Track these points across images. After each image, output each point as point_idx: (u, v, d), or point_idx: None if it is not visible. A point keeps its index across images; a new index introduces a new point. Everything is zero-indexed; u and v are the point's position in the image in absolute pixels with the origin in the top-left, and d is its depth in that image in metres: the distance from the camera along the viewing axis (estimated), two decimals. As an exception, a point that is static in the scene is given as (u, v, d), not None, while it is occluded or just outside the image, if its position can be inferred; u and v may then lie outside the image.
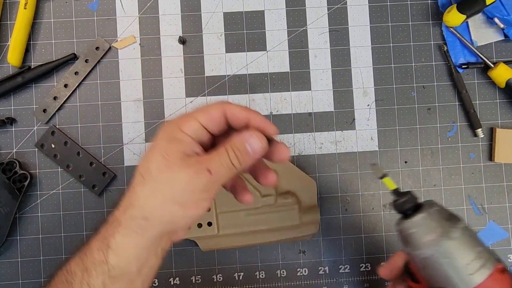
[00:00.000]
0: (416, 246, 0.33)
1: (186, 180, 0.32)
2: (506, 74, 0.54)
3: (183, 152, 0.33)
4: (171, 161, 0.32)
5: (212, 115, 0.34)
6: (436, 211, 0.34)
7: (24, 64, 0.54)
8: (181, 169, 0.32)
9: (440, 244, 0.32)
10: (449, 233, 0.33)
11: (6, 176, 0.51)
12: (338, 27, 0.56)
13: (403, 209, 0.35)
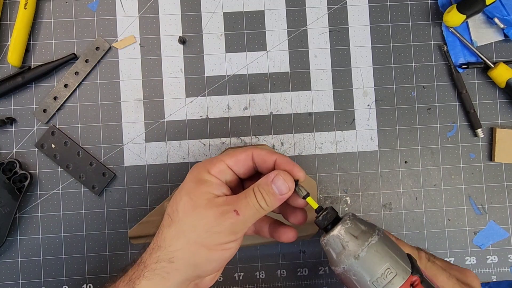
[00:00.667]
0: (330, 261, 0.35)
1: (211, 221, 0.32)
2: (506, 74, 0.54)
3: (211, 193, 0.33)
4: (197, 202, 0.32)
5: (239, 158, 0.35)
6: (347, 229, 0.35)
7: (24, 64, 0.54)
8: (207, 210, 0.32)
9: (346, 263, 0.34)
10: (356, 252, 0.34)
11: (6, 176, 0.51)
12: (338, 27, 0.56)
13: (322, 225, 0.36)
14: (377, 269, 0.33)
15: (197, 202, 0.33)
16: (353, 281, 0.34)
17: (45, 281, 0.53)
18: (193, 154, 0.54)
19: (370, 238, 0.34)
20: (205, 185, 0.33)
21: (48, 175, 0.53)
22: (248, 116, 0.55)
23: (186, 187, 0.34)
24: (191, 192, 0.33)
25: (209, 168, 0.34)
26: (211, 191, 0.33)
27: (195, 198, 0.33)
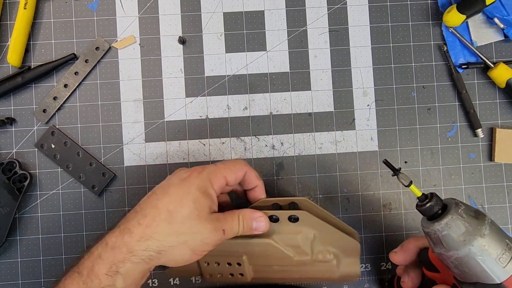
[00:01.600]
0: (449, 247, 0.34)
1: (207, 233, 0.38)
2: (506, 74, 0.54)
3: (210, 208, 0.39)
4: (201, 214, 0.38)
5: (238, 176, 0.42)
6: (463, 210, 0.34)
7: (24, 64, 0.54)
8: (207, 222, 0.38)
9: (473, 243, 0.33)
10: (480, 230, 0.33)
11: (6, 176, 0.51)
12: (338, 27, 0.56)
13: (431, 212, 0.35)
14: (501, 245, 0.33)
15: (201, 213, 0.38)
16: (478, 262, 0.33)
17: (45, 281, 0.53)
18: (193, 154, 0.54)
19: (486, 217, 0.34)
20: (208, 199, 0.38)
21: (48, 175, 0.53)
22: (248, 116, 0.55)
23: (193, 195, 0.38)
24: (197, 202, 0.38)
25: (213, 181, 0.39)
26: (212, 206, 0.39)
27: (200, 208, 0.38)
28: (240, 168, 0.42)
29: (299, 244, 0.45)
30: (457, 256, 0.33)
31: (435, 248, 0.35)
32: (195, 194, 0.38)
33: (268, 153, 0.55)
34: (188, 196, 0.38)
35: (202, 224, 0.37)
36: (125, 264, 0.36)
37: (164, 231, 0.36)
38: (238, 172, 0.42)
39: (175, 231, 0.37)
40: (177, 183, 0.39)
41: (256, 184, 0.44)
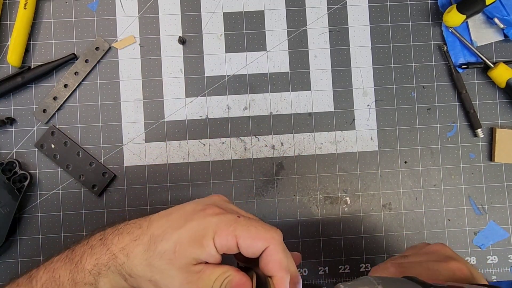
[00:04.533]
0: None
1: (177, 284, 0.32)
2: (506, 74, 0.54)
3: (195, 259, 0.32)
4: (178, 260, 0.32)
5: (256, 247, 0.32)
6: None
7: (24, 64, 0.54)
8: (180, 272, 0.32)
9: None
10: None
11: (6, 176, 0.51)
12: (338, 27, 0.56)
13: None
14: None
15: (178, 258, 0.32)
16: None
17: None
18: (193, 154, 0.54)
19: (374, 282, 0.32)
20: (196, 249, 0.32)
21: (48, 175, 0.53)
22: (248, 116, 0.55)
23: (181, 234, 0.32)
24: (181, 244, 0.32)
25: (218, 235, 0.32)
26: (199, 258, 0.32)
27: (179, 253, 0.32)
28: (263, 237, 0.31)
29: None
30: None
31: None
32: (185, 234, 0.32)
33: (268, 153, 0.55)
34: (177, 231, 0.32)
35: (175, 270, 0.32)
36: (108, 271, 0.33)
37: (138, 257, 0.33)
38: (257, 242, 0.31)
39: (148, 263, 0.32)
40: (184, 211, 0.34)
41: (273, 274, 0.32)
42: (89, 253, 0.35)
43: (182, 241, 0.32)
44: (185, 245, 0.32)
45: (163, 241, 0.32)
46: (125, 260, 0.33)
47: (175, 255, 0.32)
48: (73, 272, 0.34)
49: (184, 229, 0.32)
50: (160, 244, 0.32)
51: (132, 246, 0.33)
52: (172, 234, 0.32)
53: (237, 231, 0.31)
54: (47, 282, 0.34)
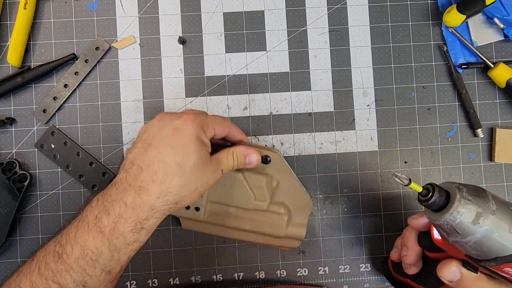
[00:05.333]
0: (465, 233, 0.33)
1: (209, 176, 0.42)
2: (506, 74, 0.54)
3: (208, 153, 0.42)
4: (205, 161, 0.41)
5: (225, 131, 0.45)
6: (467, 193, 0.33)
7: (24, 64, 0.54)
8: (208, 167, 0.42)
9: (488, 224, 0.32)
10: (489, 208, 0.33)
11: (6, 176, 0.51)
12: (338, 27, 0.56)
13: (437, 204, 0.34)
14: (509, 215, 0.33)
15: (204, 160, 0.41)
16: (495, 239, 0.32)
17: None
18: (193, 154, 0.54)
19: (486, 191, 0.34)
20: (205, 146, 0.42)
21: (48, 175, 0.53)
22: (248, 116, 0.55)
23: (194, 145, 0.40)
24: (199, 151, 0.40)
25: (205, 130, 0.42)
26: (208, 151, 0.42)
27: (202, 156, 0.41)
28: (227, 125, 0.46)
29: (263, 186, 0.49)
30: (474, 240, 0.33)
31: (450, 237, 0.34)
32: (196, 144, 0.40)
33: (268, 153, 0.55)
34: (191, 147, 0.40)
35: (206, 170, 0.41)
36: (149, 221, 0.39)
37: (178, 184, 0.39)
38: (225, 128, 0.45)
39: (187, 182, 0.40)
40: (174, 133, 0.40)
41: (240, 138, 0.48)
42: (122, 221, 0.38)
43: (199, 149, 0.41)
44: (202, 149, 0.41)
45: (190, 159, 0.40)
46: (168, 197, 0.39)
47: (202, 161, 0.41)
48: (110, 240, 0.37)
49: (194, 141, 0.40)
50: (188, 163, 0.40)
51: (167, 185, 0.39)
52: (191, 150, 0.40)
53: (213, 126, 0.44)
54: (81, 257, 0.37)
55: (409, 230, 0.43)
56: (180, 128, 0.40)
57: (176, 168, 0.39)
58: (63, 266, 0.37)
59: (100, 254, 0.37)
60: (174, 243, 0.54)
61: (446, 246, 0.38)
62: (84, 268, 0.37)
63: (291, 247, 0.52)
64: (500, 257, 0.33)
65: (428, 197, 0.34)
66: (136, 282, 0.54)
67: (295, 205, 0.51)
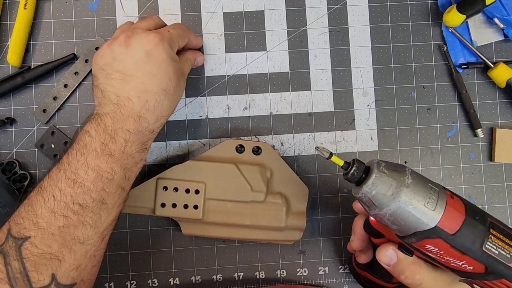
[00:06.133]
0: (381, 205, 0.34)
1: (182, 85, 0.47)
2: (506, 74, 0.54)
3: (182, 68, 0.46)
4: (179, 77, 0.45)
5: (185, 41, 0.49)
6: (385, 167, 0.35)
7: (24, 64, 0.54)
8: (181, 80, 0.46)
9: (401, 195, 0.34)
10: (404, 181, 0.34)
11: (6, 176, 0.51)
12: (338, 27, 0.56)
13: (356, 177, 0.36)
14: (425, 190, 0.34)
15: (179, 76, 0.45)
16: (410, 212, 0.33)
17: None
18: (193, 154, 0.54)
19: (406, 168, 0.35)
20: (177, 63, 0.45)
21: (48, 175, 0.53)
22: (248, 116, 0.55)
23: (171, 67, 0.44)
24: (176, 71, 0.44)
25: (173, 47, 0.45)
26: (179, 66, 0.46)
27: (178, 74, 0.45)
28: (186, 35, 0.49)
29: (258, 176, 0.50)
30: (390, 212, 0.34)
31: (370, 211, 0.36)
32: (172, 66, 0.44)
33: (268, 153, 0.55)
34: (169, 71, 0.43)
35: (181, 82, 0.46)
36: (149, 142, 0.45)
37: (168, 106, 0.44)
38: (185, 39, 0.49)
39: (173, 100, 0.45)
40: (150, 59, 0.43)
41: (194, 45, 0.52)
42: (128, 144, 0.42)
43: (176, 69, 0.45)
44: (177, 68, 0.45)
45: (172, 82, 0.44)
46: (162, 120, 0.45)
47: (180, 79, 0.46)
48: (120, 160, 0.42)
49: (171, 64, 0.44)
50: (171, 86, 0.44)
51: (160, 110, 0.44)
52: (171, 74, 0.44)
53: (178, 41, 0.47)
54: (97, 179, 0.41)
55: (358, 217, 0.44)
56: (153, 53, 0.43)
57: (163, 94, 0.43)
58: (81, 189, 0.40)
59: (114, 174, 0.41)
60: (174, 243, 0.54)
61: (382, 228, 0.39)
62: (103, 187, 0.40)
63: (294, 239, 0.52)
64: (418, 232, 0.34)
65: (348, 170, 0.36)
66: (136, 282, 0.54)
67: (292, 193, 0.51)
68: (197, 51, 0.52)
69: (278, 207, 0.50)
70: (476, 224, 0.34)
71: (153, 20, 0.48)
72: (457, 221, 0.34)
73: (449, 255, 0.34)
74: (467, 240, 0.33)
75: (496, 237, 0.34)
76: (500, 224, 0.36)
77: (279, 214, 0.50)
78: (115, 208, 0.42)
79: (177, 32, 0.47)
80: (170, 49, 0.44)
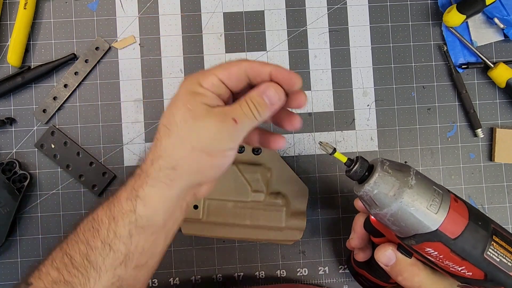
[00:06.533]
0: (382, 205, 0.34)
1: (213, 129, 0.33)
2: (506, 74, 0.54)
3: (206, 103, 0.33)
4: (197, 112, 0.33)
5: (232, 71, 0.35)
6: (389, 166, 0.35)
7: (24, 64, 0.54)
8: (207, 118, 0.33)
9: (403, 196, 0.33)
10: (407, 182, 0.34)
11: (6, 176, 0.51)
12: (338, 27, 0.56)
13: (358, 175, 0.35)
14: (428, 193, 0.34)
15: (196, 111, 0.33)
16: (411, 214, 0.33)
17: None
18: (193, 154, 0.54)
19: (411, 168, 0.35)
20: (200, 96, 0.33)
21: (48, 175, 0.53)
22: (248, 116, 0.55)
23: (182, 99, 0.34)
24: (188, 103, 0.33)
25: (201, 81, 0.34)
26: (206, 102, 0.33)
27: (193, 108, 0.33)
28: (234, 64, 0.35)
29: (258, 177, 0.50)
30: (391, 212, 0.34)
31: (371, 210, 0.35)
32: (184, 97, 0.33)
33: (268, 153, 0.55)
34: (177, 103, 0.34)
35: (202, 121, 0.33)
36: (144, 189, 0.34)
37: (168, 146, 0.33)
38: (230, 68, 0.35)
39: (177, 140, 0.33)
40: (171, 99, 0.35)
41: (266, 70, 0.34)
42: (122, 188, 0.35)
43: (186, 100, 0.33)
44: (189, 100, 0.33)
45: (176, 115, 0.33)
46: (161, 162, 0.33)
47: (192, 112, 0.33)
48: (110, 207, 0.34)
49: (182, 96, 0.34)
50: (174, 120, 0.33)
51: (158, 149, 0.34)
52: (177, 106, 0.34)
53: (212, 72, 0.34)
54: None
55: (358, 214, 0.44)
56: (176, 92, 0.35)
57: (163, 130, 0.34)
58: (76, 238, 0.35)
59: (100, 223, 0.34)
60: (174, 243, 0.54)
61: (382, 227, 0.39)
62: (88, 238, 0.34)
63: (294, 239, 0.52)
64: (419, 234, 0.34)
65: (351, 167, 0.36)
66: (136, 282, 0.54)
67: (292, 193, 0.52)
68: (265, 84, 0.34)
69: (278, 207, 0.50)
70: (478, 229, 0.33)
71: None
72: (459, 226, 0.33)
73: (449, 259, 0.34)
74: (468, 245, 0.33)
75: (498, 244, 0.33)
76: (503, 231, 0.35)
77: (279, 214, 0.50)
78: None
79: (219, 64, 0.36)
80: (193, 83, 0.34)
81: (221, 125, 0.33)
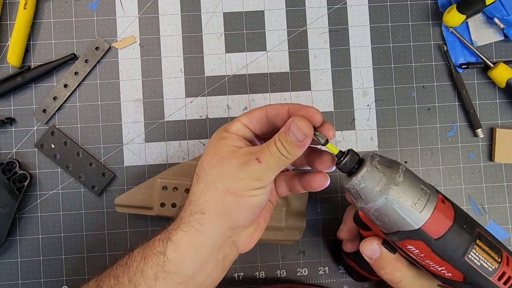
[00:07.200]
0: (367, 199, 0.34)
1: (235, 168, 0.33)
2: (506, 74, 0.54)
3: (233, 145, 0.35)
4: (222, 155, 0.34)
5: (254, 115, 0.36)
6: (378, 162, 0.35)
7: (24, 64, 0.54)
8: (231, 159, 0.34)
9: (388, 193, 0.33)
10: (394, 179, 0.34)
11: (6, 176, 0.51)
12: (338, 27, 0.56)
13: (348, 167, 0.35)
14: (415, 191, 0.34)
15: (221, 154, 0.34)
16: (395, 211, 0.33)
17: (44, 281, 0.53)
18: (193, 154, 0.55)
19: (400, 165, 0.35)
20: (225, 140, 0.35)
21: (48, 175, 0.53)
22: (248, 116, 0.55)
23: (210, 146, 0.36)
24: (215, 148, 0.35)
25: (227, 128, 0.36)
26: (233, 143, 0.35)
27: (219, 152, 0.35)
28: (256, 109, 0.37)
29: None
30: (375, 207, 0.34)
31: (357, 203, 0.35)
32: (212, 144, 0.36)
33: (268, 153, 0.55)
34: (206, 151, 0.36)
35: (227, 162, 0.34)
36: (177, 232, 0.35)
37: (197, 191, 0.35)
38: (253, 113, 0.36)
39: (205, 185, 0.34)
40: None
41: (284, 108, 0.35)
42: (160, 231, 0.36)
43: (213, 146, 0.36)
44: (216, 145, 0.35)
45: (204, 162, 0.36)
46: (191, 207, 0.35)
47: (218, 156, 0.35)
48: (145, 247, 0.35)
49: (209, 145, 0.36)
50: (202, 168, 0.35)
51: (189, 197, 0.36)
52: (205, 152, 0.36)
53: (237, 119, 0.37)
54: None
55: (350, 207, 0.44)
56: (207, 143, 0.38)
57: (194, 178, 0.36)
58: (110, 271, 0.36)
59: (133, 261, 0.35)
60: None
61: (369, 221, 0.39)
62: (118, 274, 0.35)
63: (294, 239, 0.52)
64: (401, 231, 0.34)
65: (341, 159, 0.36)
66: (136, 282, 0.54)
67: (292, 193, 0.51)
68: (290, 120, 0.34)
69: (278, 207, 0.50)
70: (462, 232, 0.34)
71: None
72: (442, 227, 0.34)
73: (430, 259, 0.34)
74: (450, 247, 0.33)
75: (481, 249, 0.34)
76: (489, 236, 0.35)
77: (279, 214, 0.50)
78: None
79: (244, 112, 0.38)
80: (221, 131, 0.36)
81: (244, 165, 0.33)
